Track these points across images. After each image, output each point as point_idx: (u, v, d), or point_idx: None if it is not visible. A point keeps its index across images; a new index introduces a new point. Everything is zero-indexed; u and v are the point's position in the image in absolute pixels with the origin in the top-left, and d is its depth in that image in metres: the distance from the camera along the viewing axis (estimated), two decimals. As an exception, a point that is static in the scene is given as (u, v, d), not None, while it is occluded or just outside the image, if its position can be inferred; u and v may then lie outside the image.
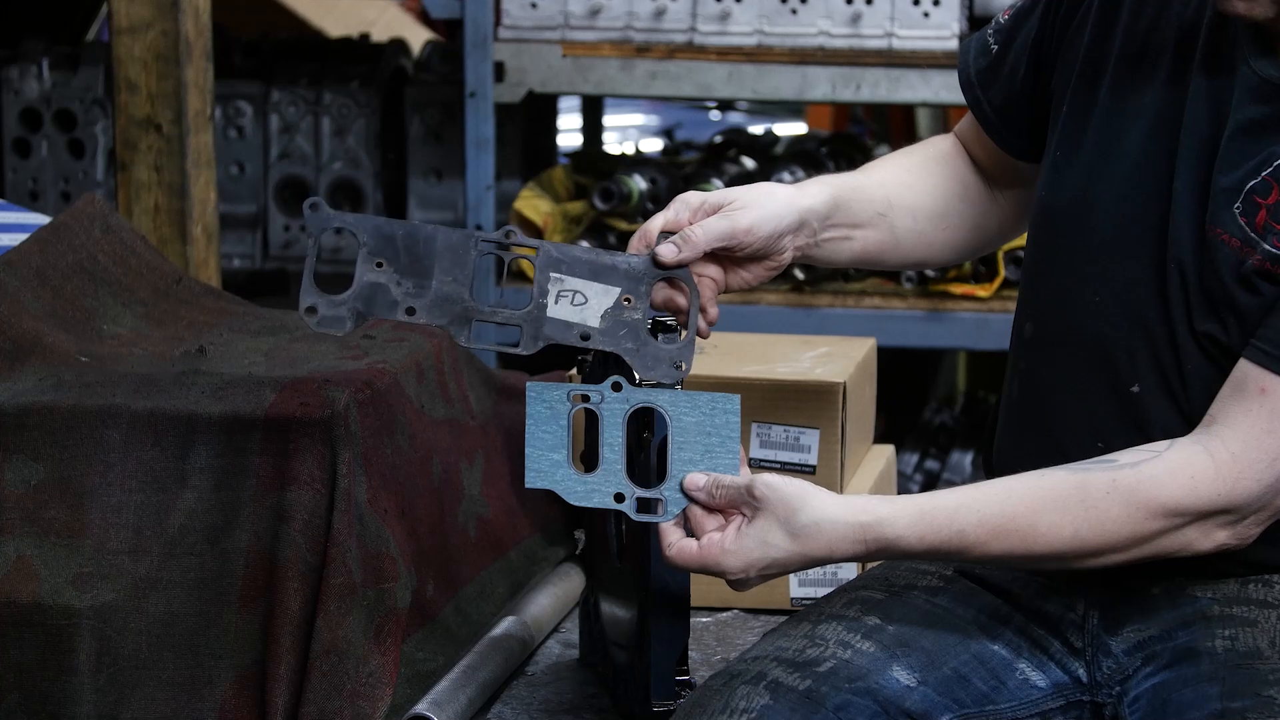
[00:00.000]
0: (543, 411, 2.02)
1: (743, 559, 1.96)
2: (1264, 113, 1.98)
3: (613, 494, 2.02)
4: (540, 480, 2.00)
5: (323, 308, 2.00)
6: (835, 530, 1.94)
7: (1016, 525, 1.94)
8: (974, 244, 2.32)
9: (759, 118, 8.47)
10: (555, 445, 2.00)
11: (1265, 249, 1.95)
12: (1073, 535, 1.94)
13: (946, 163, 2.30)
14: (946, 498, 1.97)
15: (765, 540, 1.95)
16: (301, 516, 2.27)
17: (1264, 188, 1.96)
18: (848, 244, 2.22)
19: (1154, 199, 2.03)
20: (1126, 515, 1.94)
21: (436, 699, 2.35)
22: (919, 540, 1.94)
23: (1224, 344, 1.98)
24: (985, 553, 1.96)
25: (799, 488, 1.96)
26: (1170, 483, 1.93)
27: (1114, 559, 1.96)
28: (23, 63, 4.99)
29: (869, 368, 2.93)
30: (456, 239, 2.03)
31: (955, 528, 1.94)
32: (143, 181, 3.45)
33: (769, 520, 1.95)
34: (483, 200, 4.35)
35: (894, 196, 2.25)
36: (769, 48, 4.26)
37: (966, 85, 2.26)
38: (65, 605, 2.25)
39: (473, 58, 4.30)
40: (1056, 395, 2.10)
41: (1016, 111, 2.22)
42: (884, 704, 1.98)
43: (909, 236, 2.26)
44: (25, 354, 2.40)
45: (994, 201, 2.30)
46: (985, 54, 2.24)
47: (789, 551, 1.95)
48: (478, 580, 2.60)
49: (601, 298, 2.06)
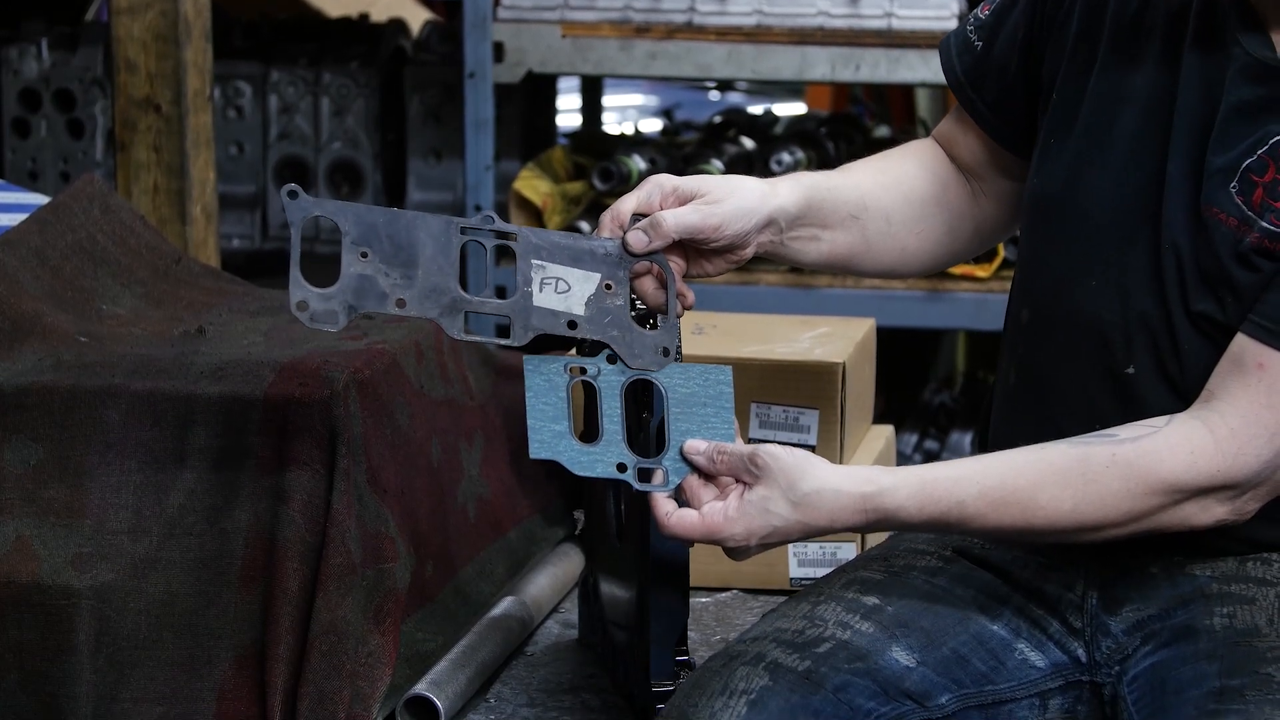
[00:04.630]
0: (541, 384, 2.02)
1: (743, 526, 1.96)
2: (1258, 93, 1.98)
3: (615, 464, 2.02)
4: (544, 451, 2.01)
5: (314, 302, 1.98)
6: (837, 500, 1.94)
7: (1017, 498, 1.95)
8: (948, 250, 2.30)
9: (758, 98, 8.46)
10: (556, 416, 2.01)
11: (1263, 226, 1.95)
12: (1072, 509, 1.94)
13: (925, 166, 2.29)
14: (948, 469, 1.98)
15: (767, 509, 1.95)
16: (301, 497, 2.27)
17: (1260, 166, 1.96)
18: (815, 244, 2.20)
19: (1147, 182, 2.03)
20: (1126, 490, 1.94)
21: (435, 679, 2.35)
22: (919, 511, 1.95)
23: (1221, 323, 1.98)
24: (985, 525, 1.96)
25: (801, 457, 1.96)
26: (1170, 458, 1.94)
27: (1113, 533, 1.97)
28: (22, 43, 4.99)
29: (868, 348, 2.93)
30: (437, 227, 2.02)
31: (955, 499, 1.94)
32: (142, 162, 3.44)
33: (771, 488, 1.95)
34: (482, 180, 4.35)
35: (869, 199, 2.23)
36: (768, 28, 4.26)
37: (957, 86, 2.25)
38: (65, 585, 2.25)
39: (472, 38, 4.29)
40: (1053, 380, 2.10)
41: (1011, 106, 2.21)
42: (883, 684, 1.98)
43: (881, 240, 2.24)
44: (24, 334, 2.40)
45: (974, 203, 2.29)
46: (969, 51, 2.24)
47: (790, 520, 1.95)
48: (477, 560, 2.61)
49: (583, 284, 2.06)
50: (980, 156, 2.27)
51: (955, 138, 2.29)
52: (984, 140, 2.25)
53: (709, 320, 2.93)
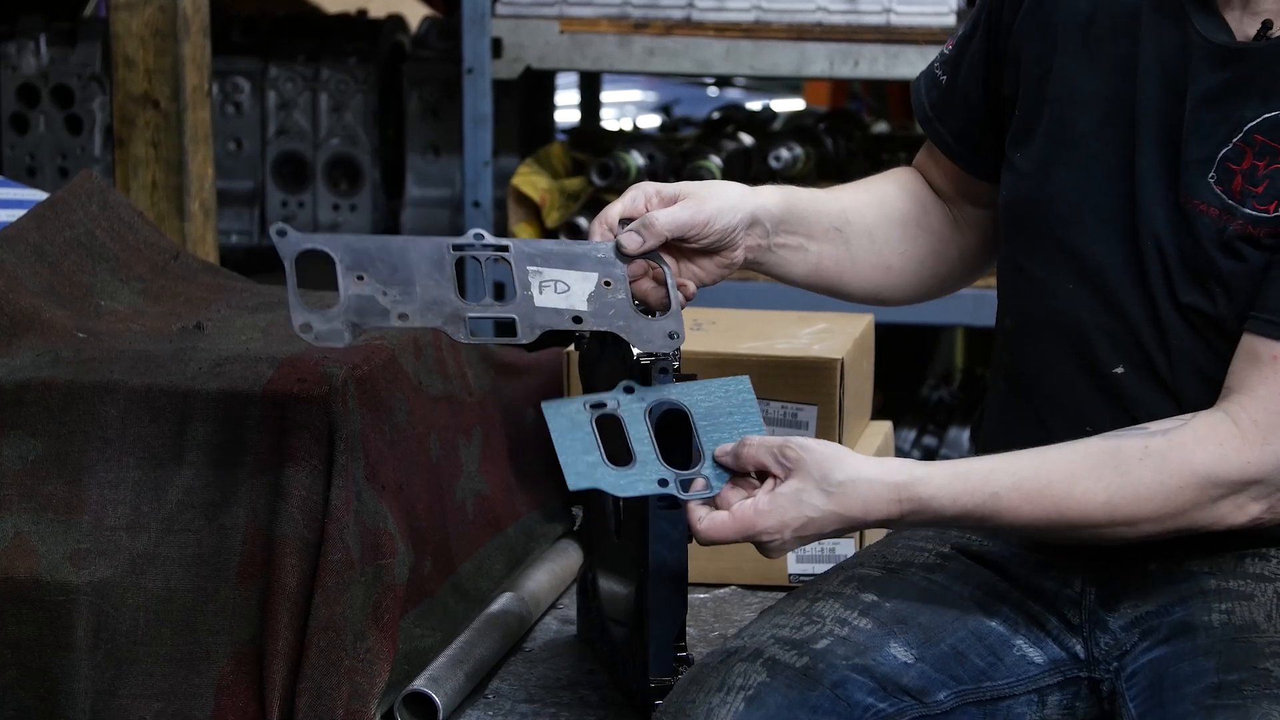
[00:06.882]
0: (564, 423, 2.00)
1: (776, 518, 1.93)
2: (1223, 78, 1.98)
3: (655, 480, 2.00)
4: (583, 481, 1.98)
5: (317, 323, 1.99)
6: (871, 489, 1.93)
7: (1052, 490, 1.93)
8: (932, 274, 2.31)
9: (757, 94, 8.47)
10: (586, 449, 1.99)
11: (1246, 213, 1.96)
12: (1106, 501, 1.93)
13: (906, 189, 2.31)
14: (980, 462, 1.97)
15: (800, 500, 1.93)
16: (299, 493, 2.27)
17: (1237, 154, 1.97)
18: (802, 255, 2.22)
19: (1116, 179, 2.03)
20: (1160, 482, 1.93)
21: (434, 675, 2.35)
22: (953, 501, 1.93)
23: (1210, 315, 1.99)
24: (1017, 518, 1.94)
25: (833, 448, 1.95)
26: (1199, 449, 1.93)
27: (1147, 530, 1.95)
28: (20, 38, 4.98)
29: (867, 344, 2.93)
30: (429, 247, 2.04)
31: (989, 490, 1.93)
32: (140, 158, 3.45)
33: (803, 479, 1.93)
34: (480, 176, 4.35)
35: (851, 214, 2.25)
36: (767, 24, 4.26)
37: (925, 121, 2.28)
38: (63, 581, 2.25)
39: (470, 34, 4.30)
40: (1041, 385, 2.10)
41: (975, 134, 2.24)
42: (881, 681, 1.98)
43: (866, 257, 2.25)
44: (23, 330, 2.40)
45: (956, 229, 2.30)
46: (936, 87, 2.26)
47: (824, 510, 1.93)
48: (475, 557, 2.61)
49: (582, 283, 2.07)
50: (954, 186, 2.29)
51: (929, 168, 2.32)
52: (955, 170, 2.28)
53: (708, 316, 2.93)
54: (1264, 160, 1.96)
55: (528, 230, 4.39)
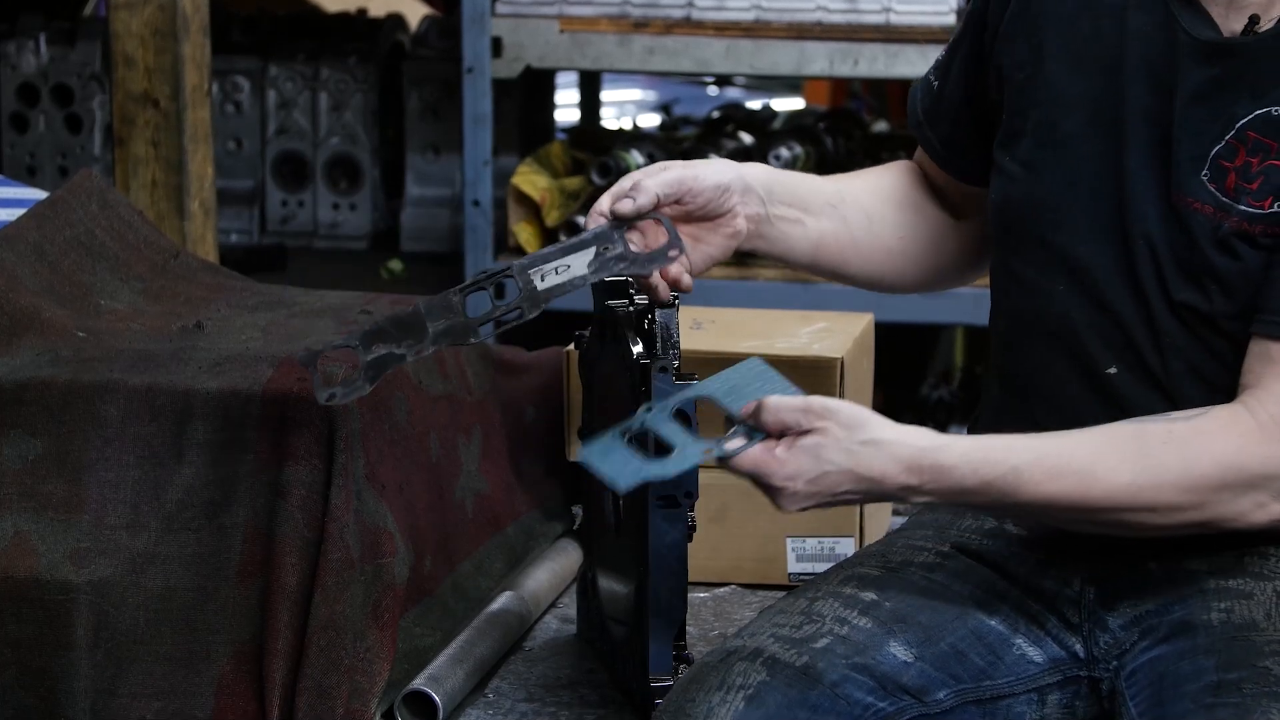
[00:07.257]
0: (600, 453, 2.00)
1: (794, 466, 1.91)
2: (1212, 75, 1.98)
3: (700, 452, 1.99)
4: (631, 479, 1.98)
5: (340, 394, 2.12)
6: (892, 451, 1.91)
7: (1074, 467, 1.92)
8: (934, 263, 2.31)
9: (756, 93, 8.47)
10: (627, 460, 1.99)
11: (1241, 210, 1.96)
12: (1130, 482, 1.92)
13: (902, 177, 2.32)
14: (1003, 438, 1.95)
15: (819, 455, 1.91)
16: (299, 492, 2.27)
17: (1229, 151, 1.97)
18: (801, 229, 2.22)
19: (1105, 179, 2.03)
20: (1182, 467, 1.92)
21: (434, 674, 2.35)
22: (973, 471, 1.91)
23: (1204, 312, 1.98)
24: (1038, 495, 1.92)
25: (859, 409, 1.94)
26: (1221, 438, 1.92)
27: (1171, 520, 1.94)
28: (20, 38, 4.99)
29: (867, 343, 2.93)
30: (437, 300, 2.12)
31: (1010, 464, 1.92)
32: (140, 157, 3.45)
33: (827, 435, 1.91)
34: (480, 176, 4.35)
35: (846, 194, 2.26)
36: (766, 23, 4.26)
37: (915, 126, 2.29)
38: (63, 580, 2.25)
39: (470, 33, 4.30)
40: (1035, 386, 2.10)
41: (964, 138, 2.24)
42: (881, 680, 1.98)
43: (866, 238, 2.25)
44: (23, 329, 2.40)
45: (954, 227, 2.30)
46: (930, 93, 2.27)
47: (842, 467, 1.91)
48: (475, 556, 2.61)
49: (581, 258, 2.13)
50: (949, 185, 2.29)
51: (927, 165, 2.32)
52: (946, 175, 2.27)
53: (707, 315, 2.93)
54: (1257, 156, 1.96)
55: (528, 229, 4.40)
